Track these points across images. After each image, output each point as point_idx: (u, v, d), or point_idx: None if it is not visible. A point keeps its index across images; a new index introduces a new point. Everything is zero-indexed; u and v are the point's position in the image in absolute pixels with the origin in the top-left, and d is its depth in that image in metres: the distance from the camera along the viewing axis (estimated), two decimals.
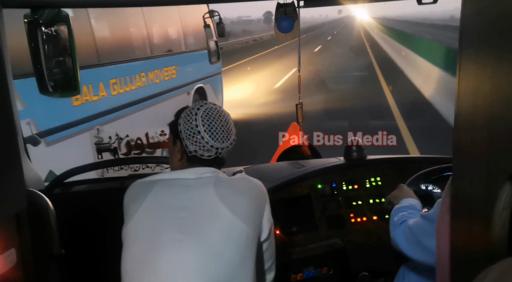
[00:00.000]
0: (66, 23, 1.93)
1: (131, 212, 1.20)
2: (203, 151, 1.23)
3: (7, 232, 1.16)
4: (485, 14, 0.51)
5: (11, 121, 1.24)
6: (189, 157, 1.26)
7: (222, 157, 1.28)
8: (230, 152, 1.30)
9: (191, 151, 1.24)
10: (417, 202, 1.59)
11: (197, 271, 1.10)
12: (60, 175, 1.93)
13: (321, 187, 2.05)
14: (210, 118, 1.23)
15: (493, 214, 0.49)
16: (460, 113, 0.58)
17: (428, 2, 1.87)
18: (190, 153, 1.25)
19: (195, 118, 1.23)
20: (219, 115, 1.25)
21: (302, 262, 1.93)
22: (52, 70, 1.96)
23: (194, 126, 1.22)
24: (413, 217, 1.45)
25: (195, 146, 1.23)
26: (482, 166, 0.54)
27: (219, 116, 1.25)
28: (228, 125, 1.26)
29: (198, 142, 1.22)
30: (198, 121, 1.22)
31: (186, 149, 1.25)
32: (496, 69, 0.49)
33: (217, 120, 1.24)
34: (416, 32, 24.62)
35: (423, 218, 1.32)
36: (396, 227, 1.46)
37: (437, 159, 2.15)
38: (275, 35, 2.08)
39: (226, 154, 1.28)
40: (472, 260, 0.58)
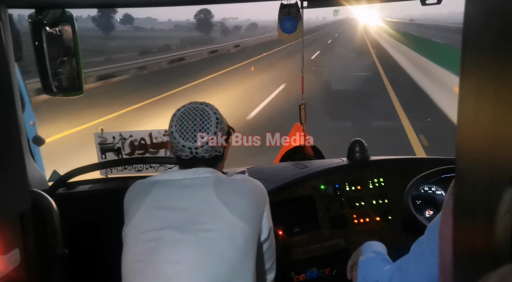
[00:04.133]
0: (70, 23, 1.94)
1: (131, 213, 1.21)
2: (180, 152, 1.25)
3: (11, 232, 1.16)
4: (488, 15, 0.51)
5: (15, 122, 1.24)
6: (176, 158, 1.29)
7: (202, 157, 1.24)
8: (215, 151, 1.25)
9: (176, 151, 1.26)
10: (380, 244, 1.30)
11: (197, 270, 1.10)
12: (63, 175, 1.93)
13: (324, 188, 2.05)
14: (184, 119, 1.23)
15: (496, 217, 0.49)
16: (463, 116, 0.58)
17: (432, 3, 1.87)
18: (176, 154, 1.27)
19: (172, 119, 1.25)
20: (195, 114, 1.23)
21: (304, 263, 1.93)
22: (56, 70, 1.97)
23: (170, 128, 1.25)
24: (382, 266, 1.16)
25: (175, 147, 1.25)
26: (485, 168, 0.53)
27: (194, 115, 1.23)
28: (204, 124, 1.22)
29: (174, 143, 1.24)
30: (173, 122, 1.24)
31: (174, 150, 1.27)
32: (500, 71, 0.48)
33: (189, 119, 1.22)
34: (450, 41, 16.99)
35: (428, 229, 1.22)
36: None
37: (440, 160, 2.14)
38: (279, 36, 2.09)
39: (207, 153, 1.24)
40: (475, 264, 0.58)
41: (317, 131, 5.92)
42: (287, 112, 7.33)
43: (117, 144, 2.14)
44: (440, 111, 8.36)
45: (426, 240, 1.02)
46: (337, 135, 6.59)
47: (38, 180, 2.02)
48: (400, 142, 6.52)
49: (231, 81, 14.00)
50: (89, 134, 2.14)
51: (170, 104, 8.97)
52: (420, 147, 6.13)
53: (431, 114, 8.21)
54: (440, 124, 7.41)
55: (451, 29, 34.84)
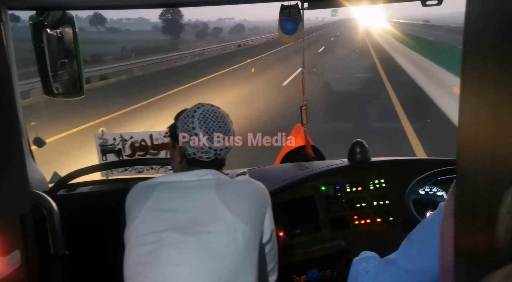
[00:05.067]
0: (71, 25, 1.94)
1: (133, 215, 1.21)
2: (201, 153, 1.24)
3: (12, 233, 1.16)
4: (489, 16, 0.51)
5: (15, 123, 1.24)
6: (188, 160, 1.27)
7: (221, 158, 1.28)
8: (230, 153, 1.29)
9: (190, 153, 1.25)
10: (375, 254, 1.29)
11: (199, 272, 1.10)
12: (64, 176, 1.94)
13: (325, 189, 2.05)
14: (207, 120, 1.23)
15: (497, 217, 0.49)
16: (464, 116, 0.58)
17: (433, 4, 1.87)
18: (189, 156, 1.26)
19: (192, 121, 1.23)
20: (216, 116, 1.25)
21: (305, 264, 1.92)
22: (57, 72, 1.97)
23: (191, 129, 1.23)
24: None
25: (194, 148, 1.24)
26: (486, 169, 0.53)
27: (216, 117, 1.24)
28: (226, 126, 1.26)
29: (196, 144, 1.23)
30: (195, 123, 1.23)
31: (185, 151, 1.26)
32: (501, 72, 0.48)
33: (214, 121, 1.23)
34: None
35: (420, 225, 1.23)
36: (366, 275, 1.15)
37: (441, 161, 2.14)
38: (279, 37, 2.09)
39: (225, 154, 1.28)
40: (476, 265, 0.58)
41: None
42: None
43: (118, 145, 2.14)
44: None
45: (414, 237, 1.05)
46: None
47: (38, 181, 2.02)
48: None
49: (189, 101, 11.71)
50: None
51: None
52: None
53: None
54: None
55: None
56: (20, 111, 1.89)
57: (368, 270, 1.14)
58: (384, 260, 1.12)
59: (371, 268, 1.13)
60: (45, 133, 3.16)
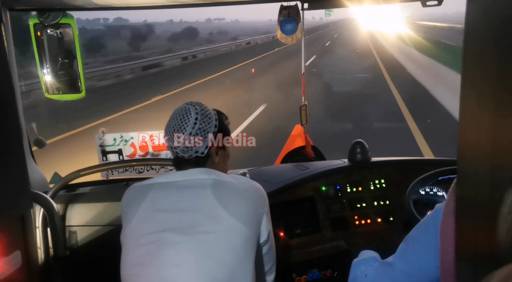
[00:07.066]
0: (71, 25, 1.94)
1: (129, 216, 1.21)
2: (182, 153, 1.25)
3: (13, 234, 1.16)
4: (490, 15, 0.51)
5: (16, 123, 1.24)
6: (174, 159, 1.31)
7: (182, 157, 1.25)
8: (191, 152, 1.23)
9: (174, 152, 1.28)
10: (375, 253, 1.30)
11: (196, 272, 1.10)
12: (65, 177, 1.93)
13: (325, 189, 2.05)
14: (170, 119, 1.26)
15: (498, 217, 0.49)
16: (465, 116, 0.58)
17: (433, 4, 1.86)
18: (174, 154, 1.29)
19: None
20: (178, 114, 1.25)
21: (306, 264, 1.92)
22: (57, 72, 1.97)
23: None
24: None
25: (172, 148, 1.27)
26: (487, 169, 0.53)
27: (177, 115, 1.25)
28: (180, 124, 1.22)
29: (167, 144, 1.27)
30: (167, 124, 1.27)
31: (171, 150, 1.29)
32: (501, 71, 0.48)
33: (172, 120, 1.25)
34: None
35: (417, 227, 1.11)
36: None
37: (441, 161, 2.14)
38: (278, 38, 2.09)
39: (184, 153, 1.24)
40: (477, 264, 0.58)
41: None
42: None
43: (118, 145, 2.14)
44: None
45: (411, 238, 1.05)
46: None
47: (39, 181, 2.02)
48: None
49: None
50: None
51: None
52: None
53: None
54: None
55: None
56: (20, 111, 1.89)
57: (366, 273, 1.15)
58: (382, 263, 1.13)
59: (370, 272, 1.14)
60: (45, 134, 3.25)
